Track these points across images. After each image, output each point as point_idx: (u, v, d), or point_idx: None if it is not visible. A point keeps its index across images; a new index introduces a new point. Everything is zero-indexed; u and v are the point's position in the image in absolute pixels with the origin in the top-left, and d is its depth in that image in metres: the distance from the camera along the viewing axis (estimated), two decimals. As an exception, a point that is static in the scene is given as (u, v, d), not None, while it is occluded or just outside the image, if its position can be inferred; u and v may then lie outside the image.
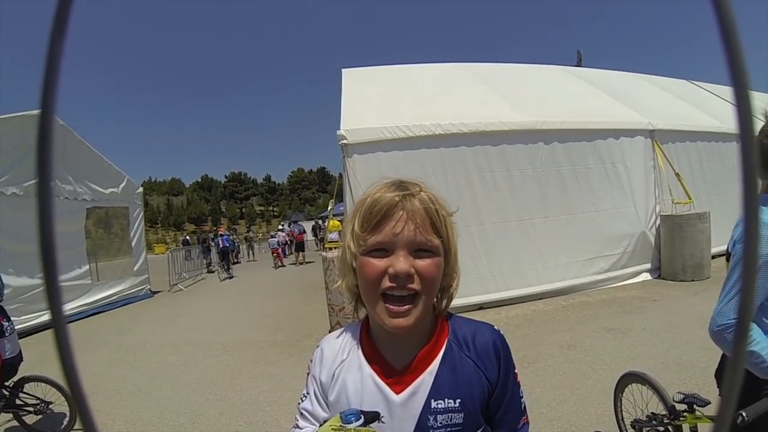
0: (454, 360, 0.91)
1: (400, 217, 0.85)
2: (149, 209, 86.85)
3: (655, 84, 12.48)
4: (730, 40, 0.25)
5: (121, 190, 11.93)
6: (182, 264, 16.04)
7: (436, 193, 0.93)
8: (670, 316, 5.98)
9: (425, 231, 0.85)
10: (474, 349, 0.93)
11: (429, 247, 0.85)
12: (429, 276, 0.85)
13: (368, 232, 0.87)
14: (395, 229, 0.84)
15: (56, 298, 0.26)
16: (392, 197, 0.86)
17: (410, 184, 0.90)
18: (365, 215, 0.88)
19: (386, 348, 0.94)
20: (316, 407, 0.96)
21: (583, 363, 4.65)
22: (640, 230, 8.60)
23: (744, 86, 0.25)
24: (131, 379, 5.46)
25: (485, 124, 7.61)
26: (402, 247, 0.84)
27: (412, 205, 0.86)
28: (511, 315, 6.87)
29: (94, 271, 11.16)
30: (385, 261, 0.85)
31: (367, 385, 0.91)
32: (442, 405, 0.87)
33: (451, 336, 0.95)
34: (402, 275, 0.83)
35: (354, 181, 6.86)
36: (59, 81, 0.26)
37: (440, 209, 0.89)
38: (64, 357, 0.26)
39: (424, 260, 0.85)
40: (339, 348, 0.99)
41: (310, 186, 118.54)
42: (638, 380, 2.63)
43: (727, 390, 0.28)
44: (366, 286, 0.87)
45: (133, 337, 7.68)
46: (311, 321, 7.66)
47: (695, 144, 9.52)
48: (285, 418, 4.06)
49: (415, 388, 0.88)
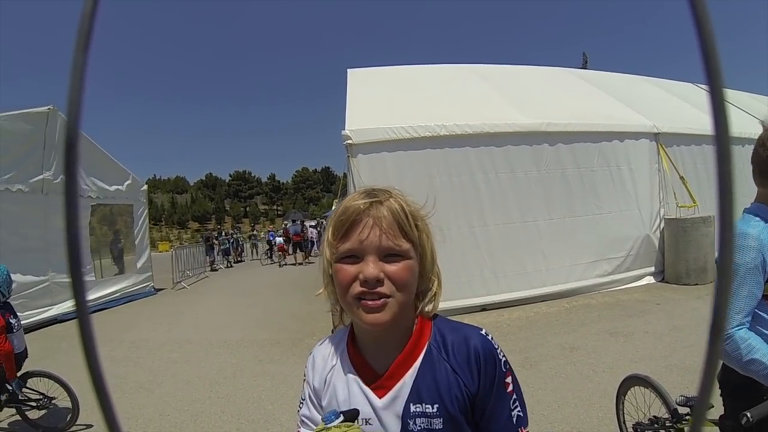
0: (433, 365, 0.91)
1: (366, 223, 0.87)
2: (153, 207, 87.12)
3: (660, 87, 12.43)
4: (705, 41, 0.25)
5: (126, 187, 11.96)
6: (186, 262, 16.07)
7: (407, 198, 0.94)
8: (673, 319, 5.96)
9: (392, 236, 0.87)
10: (453, 354, 0.92)
11: (398, 251, 0.87)
12: (400, 279, 0.86)
13: (339, 239, 0.89)
14: (362, 236, 0.86)
15: (81, 293, 0.26)
16: (359, 205, 0.88)
17: (380, 191, 0.92)
18: (336, 224, 0.90)
19: (369, 352, 0.96)
20: (313, 413, 0.99)
21: (585, 366, 4.64)
22: (644, 233, 8.58)
23: (719, 92, 0.25)
24: (133, 376, 5.48)
25: (490, 125, 7.61)
26: (370, 253, 0.86)
27: (379, 211, 0.88)
28: (513, 317, 6.86)
29: (98, 267, 11.21)
30: (356, 267, 0.86)
31: (353, 390, 0.93)
32: (420, 409, 0.88)
33: (432, 339, 0.95)
34: (371, 280, 0.84)
35: (358, 181, 6.86)
36: (85, 87, 0.26)
37: (410, 213, 0.91)
38: (88, 351, 0.27)
39: (394, 264, 0.87)
40: (329, 354, 1.01)
41: (314, 185, 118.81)
42: (641, 383, 2.62)
43: (702, 389, 0.28)
44: (340, 292, 0.90)
45: (135, 334, 7.70)
46: (314, 320, 7.67)
47: (700, 147, 9.48)
48: (286, 416, 4.06)
49: (396, 392, 0.90)
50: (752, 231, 1.55)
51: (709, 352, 0.28)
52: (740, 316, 1.55)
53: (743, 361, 1.51)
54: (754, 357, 1.49)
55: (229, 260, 21.88)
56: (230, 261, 21.96)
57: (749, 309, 1.56)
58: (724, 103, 0.25)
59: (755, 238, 1.53)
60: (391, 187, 0.96)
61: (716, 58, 0.25)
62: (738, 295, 1.57)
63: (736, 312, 1.56)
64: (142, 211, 12.94)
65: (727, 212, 0.26)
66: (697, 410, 0.30)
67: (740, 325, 1.55)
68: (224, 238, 22.47)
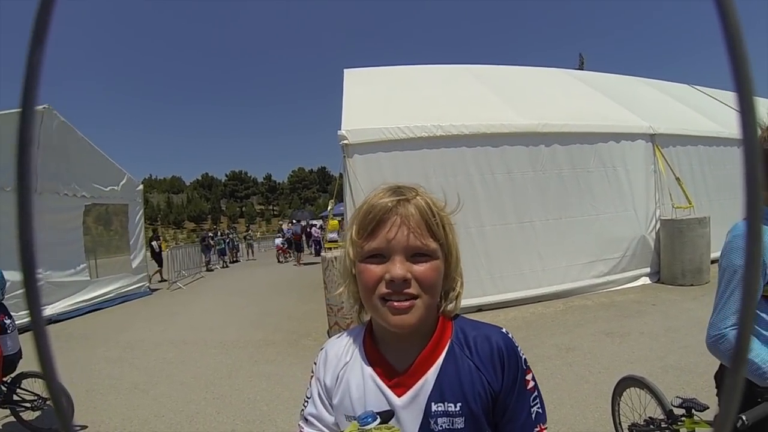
0: (456, 362, 0.89)
1: (394, 222, 0.85)
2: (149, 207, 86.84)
3: (657, 88, 12.48)
4: (735, 44, 0.24)
5: (122, 187, 11.93)
6: (181, 262, 16.04)
7: (434, 197, 0.92)
8: (668, 320, 5.97)
9: (420, 235, 0.85)
10: (476, 351, 0.90)
11: (425, 251, 0.85)
12: (427, 280, 0.84)
13: (364, 238, 0.87)
14: (389, 235, 0.84)
15: (35, 296, 0.25)
16: (386, 203, 0.86)
17: (406, 188, 0.91)
18: (361, 222, 0.88)
19: (389, 350, 0.93)
20: (322, 410, 0.95)
21: (581, 366, 4.64)
22: (640, 234, 8.60)
23: (749, 95, 0.24)
24: (128, 376, 5.46)
25: (486, 125, 7.61)
26: (398, 253, 0.84)
27: (407, 210, 0.86)
28: (509, 317, 6.86)
29: (93, 267, 11.16)
30: (382, 267, 0.84)
31: (369, 388, 0.89)
32: (442, 408, 0.85)
33: (454, 337, 0.92)
34: (398, 281, 0.82)
35: (354, 182, 6.86)
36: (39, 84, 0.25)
37: (437, 212, 0.89)
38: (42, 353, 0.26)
39: (422, 265, 0.85)
40: (343, 350, 0.98)
41: (310, 186, 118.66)
42: (637, 384, 2.63)
43: (725, 405, 0.27)
44: (365, 292, 0.87)
45: (131, 334, 7.67)
46: (310, 321, 7.66)
47: (696, 148, 9.52)
48: (282, 417, 4.06)
49: (416, 391, 0.87)
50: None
51: (731, 378, 0.27)
52: (735, 316, 1.55)
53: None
54: (749, 358, 1.49)
55: (225, 260, 21.93)
56: (226, 261, 21.99)
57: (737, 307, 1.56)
58: (754, 114, 0.24)
59: None
60: (417, 185, 0.94)
61: (746, 66, 0.24)
62: (734, 297, 1.57)
63: (733, 313, 1.56)
64: (137, 210, 12.90)
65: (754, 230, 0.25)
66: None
67: (735, 325, 1.56)
68: (220, 238, 22.41)
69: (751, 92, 0.24)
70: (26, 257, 0.25)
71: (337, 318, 6.11)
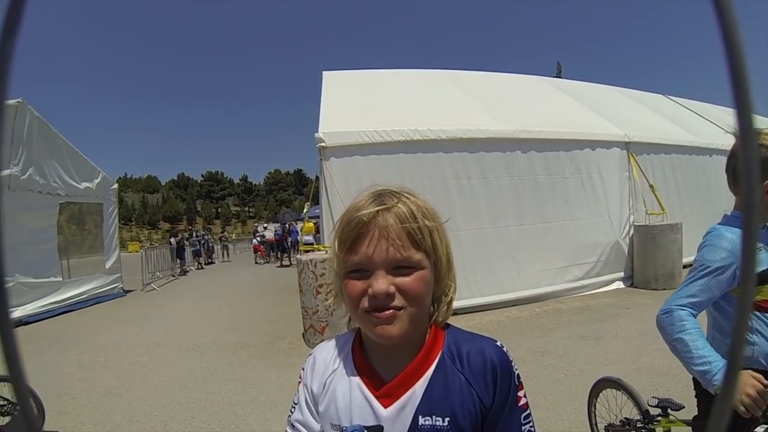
0: (446, 375, 0.86)
1: (373, 235, 0.81)
2: (124, 206, 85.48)
3: (632, 97, 12.76)
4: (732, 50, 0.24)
5: (96, 185, 11.72)
6: (156, 263, 15.79)
7: (419, 202, 0.87)
8: (642, 323, 6.07)
9: (401, 247, 0.81)
10: (468, 365, 0.86)
11: (408, 263, 0.81)
12: (411, 292, 0.81)
13: (345, 252, 0.84)
14: (368, 251, 0.81)
15: (2, 297, 0.25)
16: (362, 216, 0.82)
17: (388, 194, 0.86)
18: (341, 235, 0.85)
19: (377, 359, 0.90)
20: (308, 417, 0.92)
21: (556, 369, 4.70)
22: (614, 239, 8.75)
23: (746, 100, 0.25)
24: (101, 380, 5.35)
25: (463, 131, 7.66)
26: (379, 267, 0.81)
27: (386, 221, 0.82)
28: (485, 321, 6.91)
29: (65, 268, 10.91)
30: (365, 282, 0.82)
31: (356, 397, 0.87)
32: (429, 422, 0.82)
33: (445, 349, 0.89)
34: (380, 296, 0.79)
35: (330, 185, 6.84)
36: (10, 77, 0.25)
37: (422, 220, 0.83)
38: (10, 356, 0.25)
39: (406, 277, 0.81)
40: (331, 357, 0.95)
41: (286, 188, 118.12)
42: (613, 385, 2.67)
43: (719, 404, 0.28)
44: (350, 306, 0.85)
45: (103, 337, 7.51)
46: (285, 324, 7.60)
47: (669, 156, 9.76)
48: (257, 421, 4.02)
49: (403, 403, 0.84)
50: (729, 235, 1.61)
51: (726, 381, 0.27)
52: (689, 299, 1.63)
53: (673, 337, 1.60)
54: (682, 337, 1.57)
55: (200, 262, 21.52)
56: (201, 263, 21.57)
57: (700, 301, 1.63)
58: (751, 119, 0.24)
59: (730, 241, 1.59)
60: (401, 187, 0.90)
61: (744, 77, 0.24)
62: (694, 283, 1.64)
63: (687, 295, 1.64)
64: (112, 210, 12.67)
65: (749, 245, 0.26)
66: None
67: (685, 306, 1.63)
68: (195, 239, 22.05)
69: (749, 96, 0.24)
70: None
71: (312, 321, 6.07)
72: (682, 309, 1.62)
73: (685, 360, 1.56)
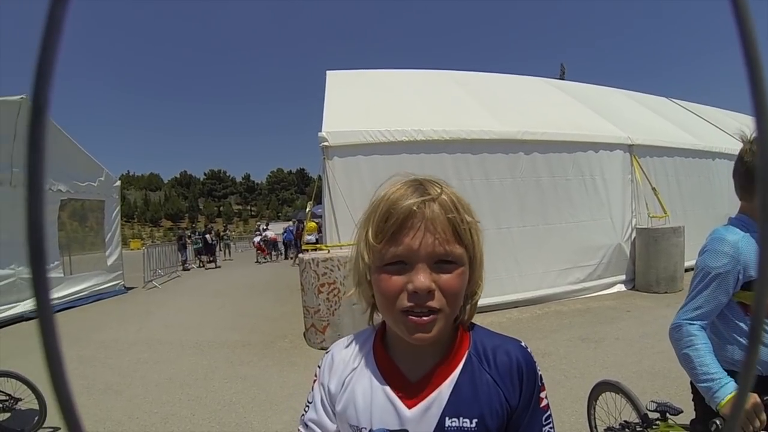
0: (473, 375, 0.83)
1: (419, 227, 0.76)
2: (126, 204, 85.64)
3: (635, 100, 12.75)
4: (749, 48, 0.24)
5: (99, 182, 11.70)
6: (158, 260, 15.81)
7: (458, 194, 0.84)
8: (643, 326, 6.07)
9: (446, 241, 0.77)
10: (495, 365, 0.84)
11: (451, 258, 0.77)
12: (452, 290, 0.77)
13: (383, 243, 0.78)
14: (413, 242, 0.76)
15: (44, 291, 0.24)
16: (409, 205, 0.76)
17: (430, 184, 0.81)
18: (379, 224, 0.79)
19: (401, 358, 0.86)
20: (323, 417, 0.89)
21: (556, 371, 4.69)
22: (616, 242, 8.74)
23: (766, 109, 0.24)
24: (102, 377, 5.35)
25: (467, 132, 7.67)
26: (422, 260, 0.76)
27: (432, 212, 0.77)
28: (486, 323, 6.81)
29: (67, 264, 10.94)
30: (404, 277, 0.77)
31: (377, 397, 0.83)
32: (457, 424, 0.79)
33: (472, 349, 0.86)
34: (422, 292, 0.75)
35: (333, 184, 6.84)
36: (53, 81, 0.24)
37: (464, 214, 0.80)
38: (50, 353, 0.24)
39: (447, 273, 0.77)
40: (350, 355, 0.92)
41: (288, 187, 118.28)
42: (612, 389, 2.66)
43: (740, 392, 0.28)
44: (384, 303, 0.80)
45: (104, 333, 7.52)
46: (286, 322, 7.60)
47: (672, 159, 9.75)
48: (258, 419, 4.02)
49: (429, 404, 0.81)
50: (731, 238, 1.60)
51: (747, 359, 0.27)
52: (696, 312, 1.64)
53: (680, 352, 1.63)
54: (688, 353, 1.59)
55: (203, 260, 21.03)
56: (203, 261, 21.04)
57: (708, 311, 1.63)
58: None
59: (732, 245, 1.58)
60: (437, 178, 0.85)
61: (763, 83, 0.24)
62: (700, 295, 1.65)
63: (694, 308, 1.65)
64: (114, 207, 12.67)
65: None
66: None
67: (694, 320, 1.64)
68: (197, 237, 21.97)
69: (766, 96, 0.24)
70: (36, 258, 0.24)
71: (314, 320, 6.07)
72: (690, 323, 1.63)
73: (690, 375, 1.60)
